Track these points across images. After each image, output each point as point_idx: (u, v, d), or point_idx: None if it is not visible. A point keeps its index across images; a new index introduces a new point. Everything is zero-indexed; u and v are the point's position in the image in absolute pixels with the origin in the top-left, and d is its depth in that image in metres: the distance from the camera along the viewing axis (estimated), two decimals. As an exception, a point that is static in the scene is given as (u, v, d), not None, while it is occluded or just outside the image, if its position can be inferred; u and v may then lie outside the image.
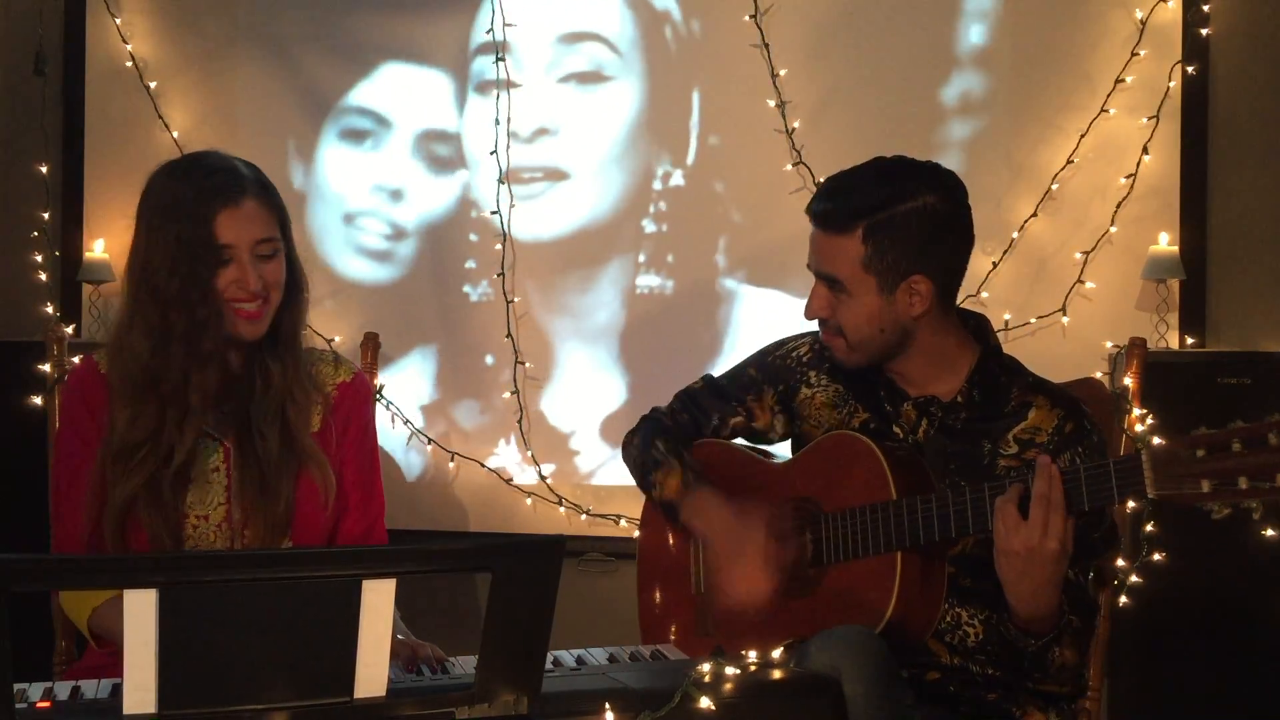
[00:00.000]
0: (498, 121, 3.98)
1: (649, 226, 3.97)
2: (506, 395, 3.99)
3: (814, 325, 2.12)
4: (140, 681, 1.24)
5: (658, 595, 2.26)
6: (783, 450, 2.26)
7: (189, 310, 1.88)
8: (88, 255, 4.07)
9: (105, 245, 4.07)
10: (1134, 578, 3.13)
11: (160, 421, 1.91)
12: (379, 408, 3.76)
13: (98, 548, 1.93)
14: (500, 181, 3.99)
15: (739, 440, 2.26)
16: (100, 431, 1.95)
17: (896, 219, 1.94)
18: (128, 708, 1.25)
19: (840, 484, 2.00)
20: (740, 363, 2.27)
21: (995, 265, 3.76)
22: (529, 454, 3.98)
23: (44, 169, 4.13)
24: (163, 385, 1.90)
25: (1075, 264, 3.76)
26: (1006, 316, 3.73)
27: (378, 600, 1.29)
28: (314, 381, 2.06)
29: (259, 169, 2.01)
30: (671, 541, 2.25)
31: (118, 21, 4.13)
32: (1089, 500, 1.75)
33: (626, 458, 2.29)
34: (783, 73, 3.86)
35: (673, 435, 2.22)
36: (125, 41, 4.13)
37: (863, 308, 1.97)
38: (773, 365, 2.21)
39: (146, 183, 1.97)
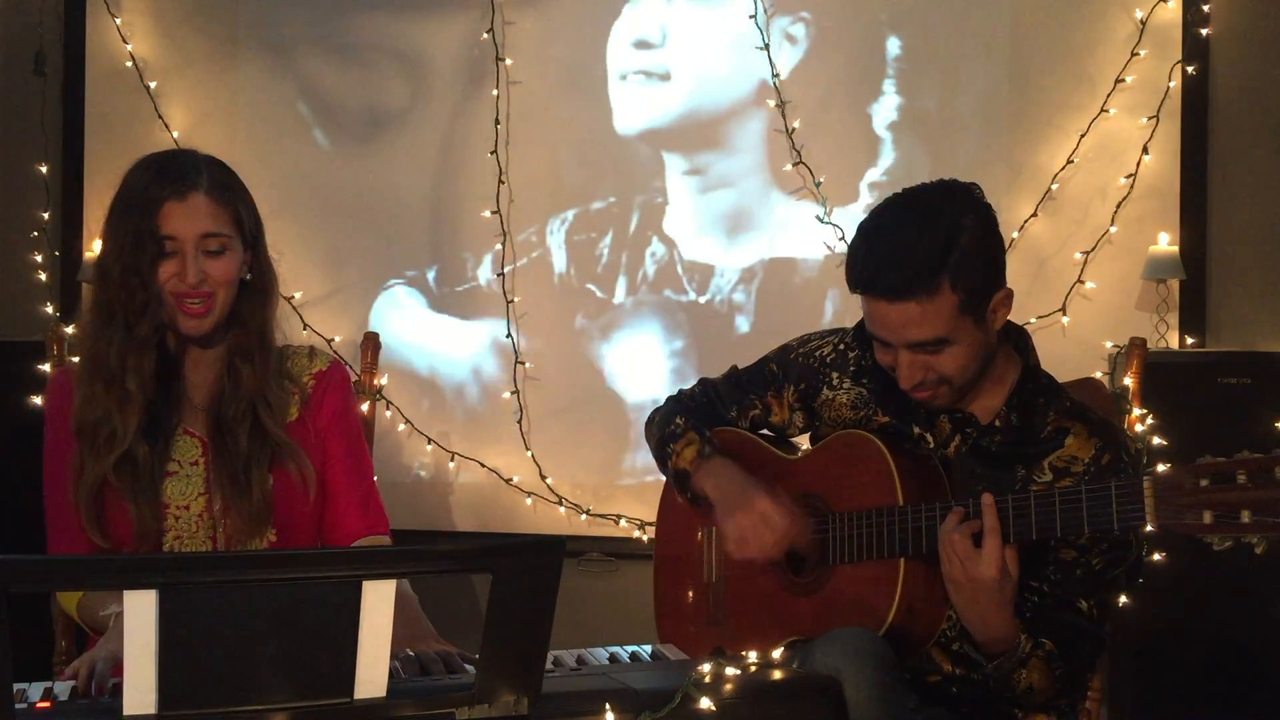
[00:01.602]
0: (498, 121, 3.98)
1: (647, 227, 3.98)
2: (506, 395, 3.99)
3: (831, 323, 2.11)
4: (140, 681, 1.24)
5: (671, 586, 2.28)
6: (805, 442, 2.27)
7: (128, 294, 1.93)
8: (88, 255, 4.07)
9: (105, 245, 4.07)
10: (1134, 578, 3.13)
11: (107, 405, 1.97)
12: (379, 407, 3.77)
13: (88, 543, 1.99)
14: (500, 181, 3.98)
15: (763, 430, 2.26)
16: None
17: (968, 252, 1.86)
18: (128, 708, 1.25)
19: (848, 484, 2.00)
20: (762, 357, 2.26)
21: (995, 265, 3.76)
22: (529, 454, 3.97)
23: (44, 169, 4.13)
24: (102, 367, 1.97)
25: (1075, 264, 3.76)
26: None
27: (378, 600, 1.29)
28: (288, 375, 2.12)
29: (228, 170, 2.04)
30: (685, 532, 2.26)
31: (118, 21, 4.13)
32: (1089, 524, 1.74)
33: (648, 433, 2.31)
34: (783, 73, 3.87)
35: (693, 414, 2.23)
36: (125, 41, 4.13)
37: (967, 349, 1.89)
38: (794, 362, 2.19)
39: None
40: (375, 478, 2.20)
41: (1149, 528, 1.68)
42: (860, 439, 2.01)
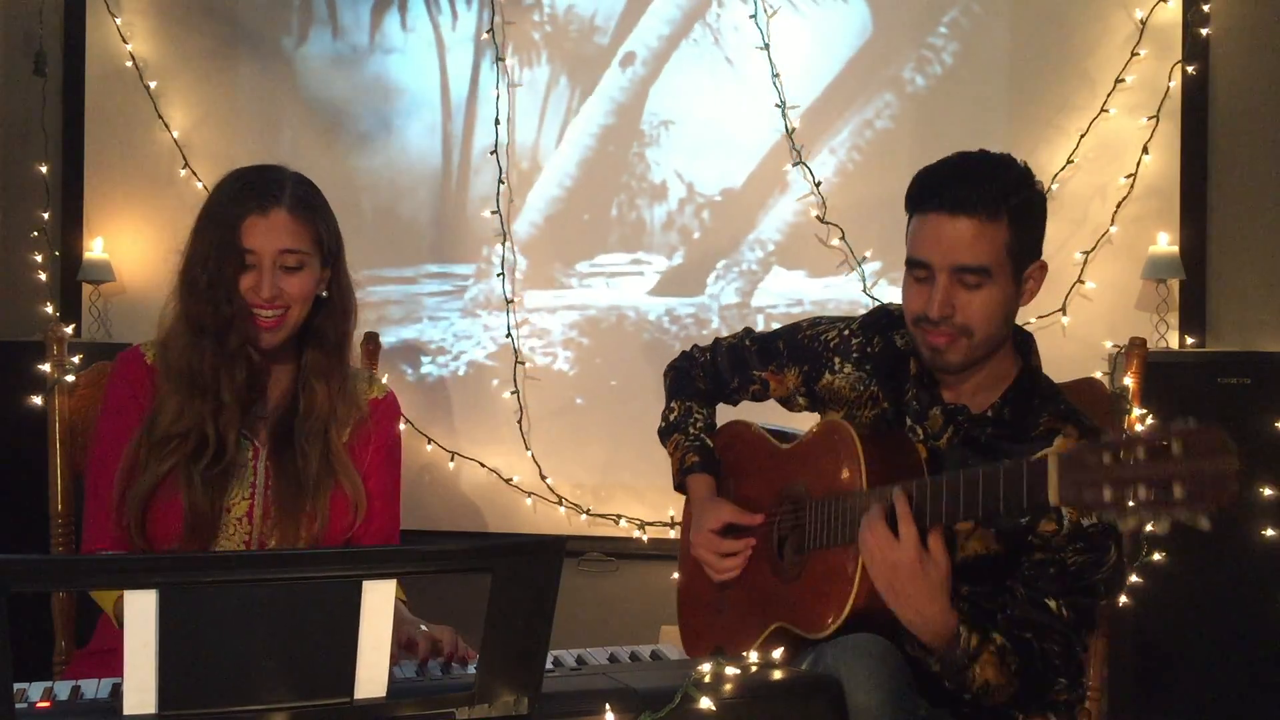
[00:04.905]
0: (498, 122, 3.99)
1: (645, 226, 3.98)
2: (506, 395, 3.99)
3: (847, 311, 2.14)
4: (140, 681, 1.24)
5: (692, 576, 2.31)
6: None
7: (215, 306, 1.98)
8: (87, 255, 4.07)
9: (105, 245, 4.07)
10: (1134, 578, 3.13)
11: (201, 415, 1.99)
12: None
13: (125, 526, 2.00)
14: (500, 181, 3.99)
15: (764, 424, 2.30)
16: (141, 415, 2.03)
17: (1031, 201, 1.94)
18: (128, 708, 1.25)
19: (824, 471, 2.02)
20: (775, 330, 2.31)
21: (995, 265, 3.76)
22: (529, 454, 3.98)
23: (44, 169, 4.13)
24: (198, 379, 1.99)
25: (1075, 264, 3.76)
26: (1006, 316, 3.73)
27: (378, 600, 1.29)
28: (352, 398, 2.14)
29: (313, 187, 2.12)
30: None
31: (118, 21, 4.13)
32: (1004, 503, 1.71)
33: (665, 381, 2.43)
34: (783, 73, 3.87)
35: (691, 395, 2.34)
36: (125, 41, 4.13)
37: (998, 299, 1.92)
38: (800, 344, 2.22)
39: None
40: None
41: (1052, 503, 1.64)
42: (836, 426, 2.02)
